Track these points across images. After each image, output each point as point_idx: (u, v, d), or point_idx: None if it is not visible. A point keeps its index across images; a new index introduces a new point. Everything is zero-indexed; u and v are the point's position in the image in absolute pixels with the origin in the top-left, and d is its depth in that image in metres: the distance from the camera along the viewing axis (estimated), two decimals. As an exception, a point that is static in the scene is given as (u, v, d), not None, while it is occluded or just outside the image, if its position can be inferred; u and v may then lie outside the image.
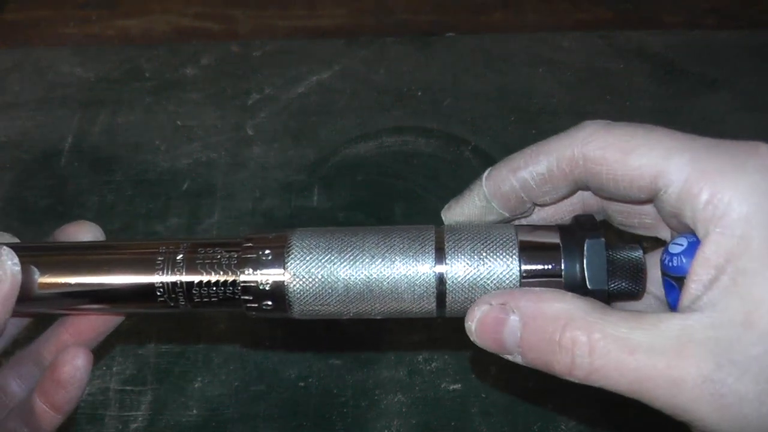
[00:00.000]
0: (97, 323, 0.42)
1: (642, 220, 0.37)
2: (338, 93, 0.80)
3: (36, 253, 0.39)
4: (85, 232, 0.42)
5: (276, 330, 0.63)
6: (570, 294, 0.32)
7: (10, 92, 0.81)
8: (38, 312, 0.42)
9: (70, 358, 0.39)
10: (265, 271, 0.36)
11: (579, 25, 0.87)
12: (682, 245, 0.32)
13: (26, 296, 0.38)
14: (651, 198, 0.33)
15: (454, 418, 0.59)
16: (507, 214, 0.37)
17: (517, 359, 0.33)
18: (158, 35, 0.88)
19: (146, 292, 0.37)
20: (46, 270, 0.38)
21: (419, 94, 0.79)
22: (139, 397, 0.60)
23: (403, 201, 0.70)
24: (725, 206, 0.29)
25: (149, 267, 0.37)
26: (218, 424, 0.59)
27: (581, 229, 0.35)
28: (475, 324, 0.33)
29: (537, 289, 0.33)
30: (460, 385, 0.60)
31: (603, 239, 0.34)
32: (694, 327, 0.29)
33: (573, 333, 0.31)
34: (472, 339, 0.34)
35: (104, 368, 0.62)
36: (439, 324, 0.63)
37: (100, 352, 0.63)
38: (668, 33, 0.85)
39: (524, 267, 0.35)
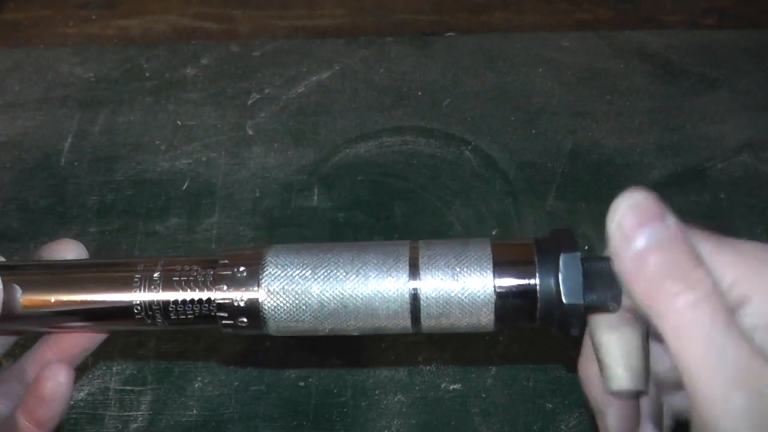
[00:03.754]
0: (80, 341, 0.42)
1: None
2: (338, 93, 0.80)
3: (18, 271, 0.39)
4: (69, 250, 0.42)
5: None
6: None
7: (10, 92, 0.81)
8: (21, 330, 0.42)
9: (52, 374, 0.39)
10: (239, 288, 0.36)
11: (579, 25, 0.87)
12: None
13: (9, 315, 0.38)
14: None
15: (454, 418, 0.59)
16: None
17: (624, 256, 0.31)
18: (158, 35, 0.88)
19: (124, 309, 0.38)
20: (28, 288, 0.38)
21: (419, 94, 0.79)
22: (139, 397, 0.60)
23: (403, 201, 0.70)
24: None
25: (127, 285, 0.37)
26: (218, 424, 0.59)
27: (557, 244, 0.35)
28: (629, 204, 0.31)
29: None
30: (460, 385, 0.60)
31: (579, 253, 0.34)
32: None
33: (703, 272, 0.29)
34: (613, 215, 0.31)
35: (104, 368, 0.62)
36: (439, 324, 0.63)
37: (100, 352, 0.63)
38: (668, 33, 0.85)
39: (498, 282, 0.35)
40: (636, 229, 0.31)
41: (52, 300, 0.38)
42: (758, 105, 0.77)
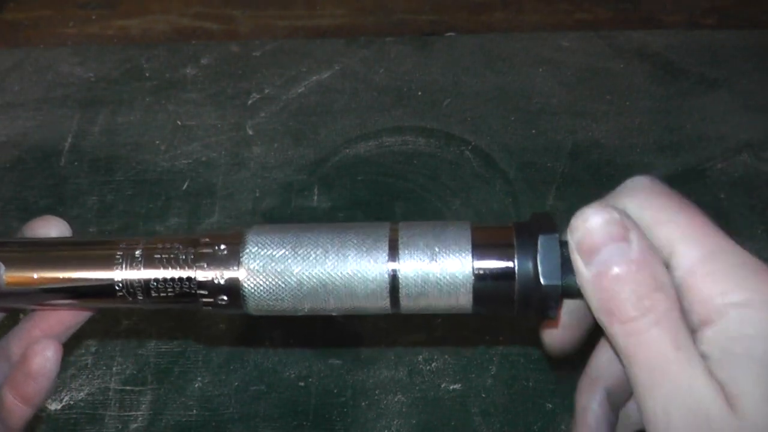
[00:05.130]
0: (66, 318, 0.43)
1: None
2: (338, 93, 0.80)
3: (1, 248, 0.40)
4: (52, 227, 0.43)
5: (276, 330, 0.63)
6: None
7: (10, 92, 0.81)
8: (5, 307, 0.42)
9: (40, 349, 0.40)
10: (220, 266, 0.36)
11: (579, 25, 0.87)
12: None
13: None
14: None
15: (454, 418, 0.59)
16: None
17: (584, 272, 0.31)
18: (158, 35, 0.88)
19: (105, 287, 0.38)
20: (11, 265, 0.39)
21: (419, 94, 0.79)
22: (139, 397, 0.60)
23: (403, 201, 0.70)
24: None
25: (108, 263, 0.38)
26: (218, 424, 0.59)
27: (536, 227, 0.35)
28: (595, 218, 0.31)
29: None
30: (460, 385, 0.60)
31: (557, 235, 0.34)
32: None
33: (656, 294, 0.30)
34: (575, 230, 0.31)
35: (104, 368, 0.62)
36: (438, 324, 0.63)
37: (100, 351, 0.63)
38: (668, 33, 0.85)
39: (477, 264, 0.35)
40: (600, 245, 0.31)
41: (35, 277, 0.38)
42: (758, 105, 0.77)
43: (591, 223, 0.31)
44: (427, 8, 0.90)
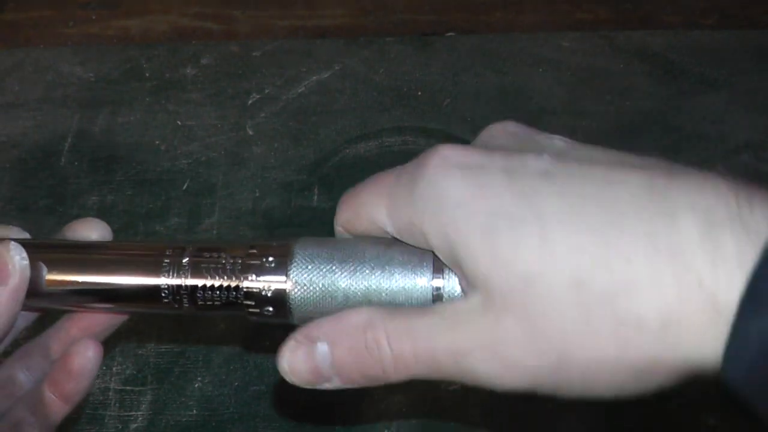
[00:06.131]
0: (103, 319, 0.43)
1: None
2: (338, 93, 0.80)
3: (44, 249, 0.40)
4: (92, 229, 0.43)
5: (276, 331, 0.63)
6: (368, 307, 0.34)
7: (9, 92, 0.81)
8: (45, 308, 0.43)
9: (82, 349, 0.40)
10: (267, 277, 0.37)
11: (579, 25, 0.87)
12: None
13: (34, 292, 0.39)
14: None
15: (454, 418, 0.59)
16: None
17: (335, 383, 0.35)
18: (158, 35, 0.88)
19: (152, 293, 0.38)
20: (53, 267, 0.39)
21: (419, 94, 0.79)
22: (139, 397, 0.60)
23: (403, 201, 0.70)
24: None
25: (156, 269, 0.38)
26: (218, 424, 0.59)
27: None
28: (287, 364, 0.36)
29: (341, 312, 0.35)
30: (460, 385, 0.60)
31: None
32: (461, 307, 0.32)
33: (374, 332, 0.33)
34: (288, 380, 0.36)
35: (104, 368, 0.62)
36: (439, 324, 0.63)
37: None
38: (668, 33, 0.85)
39: None
40: (308, 368, 0.36)
41: (78, 280, 0.39)
42: (758, 105, 0.77)
43: (289, 360, 0.37)
44: (427, 8, 0.90)
